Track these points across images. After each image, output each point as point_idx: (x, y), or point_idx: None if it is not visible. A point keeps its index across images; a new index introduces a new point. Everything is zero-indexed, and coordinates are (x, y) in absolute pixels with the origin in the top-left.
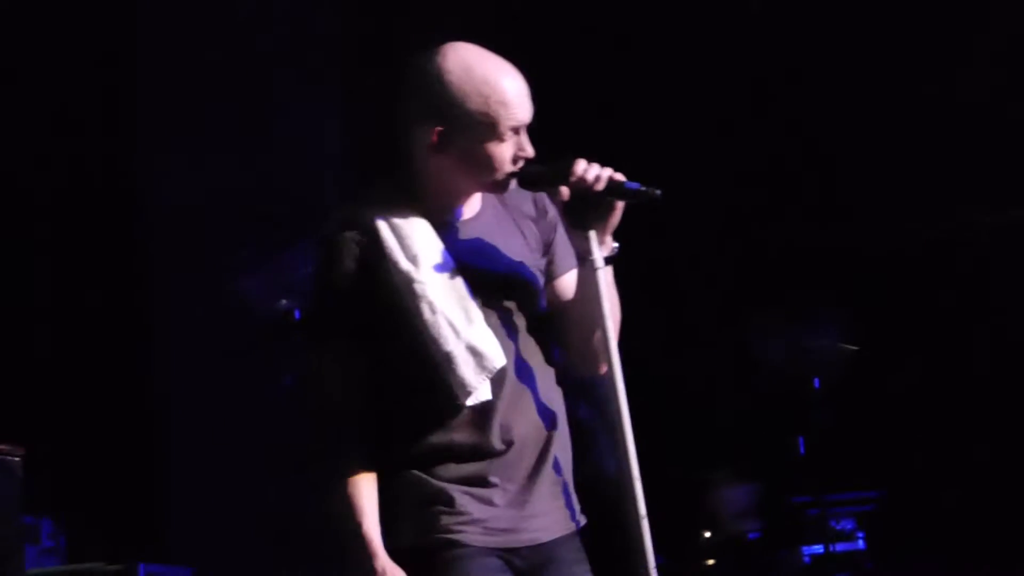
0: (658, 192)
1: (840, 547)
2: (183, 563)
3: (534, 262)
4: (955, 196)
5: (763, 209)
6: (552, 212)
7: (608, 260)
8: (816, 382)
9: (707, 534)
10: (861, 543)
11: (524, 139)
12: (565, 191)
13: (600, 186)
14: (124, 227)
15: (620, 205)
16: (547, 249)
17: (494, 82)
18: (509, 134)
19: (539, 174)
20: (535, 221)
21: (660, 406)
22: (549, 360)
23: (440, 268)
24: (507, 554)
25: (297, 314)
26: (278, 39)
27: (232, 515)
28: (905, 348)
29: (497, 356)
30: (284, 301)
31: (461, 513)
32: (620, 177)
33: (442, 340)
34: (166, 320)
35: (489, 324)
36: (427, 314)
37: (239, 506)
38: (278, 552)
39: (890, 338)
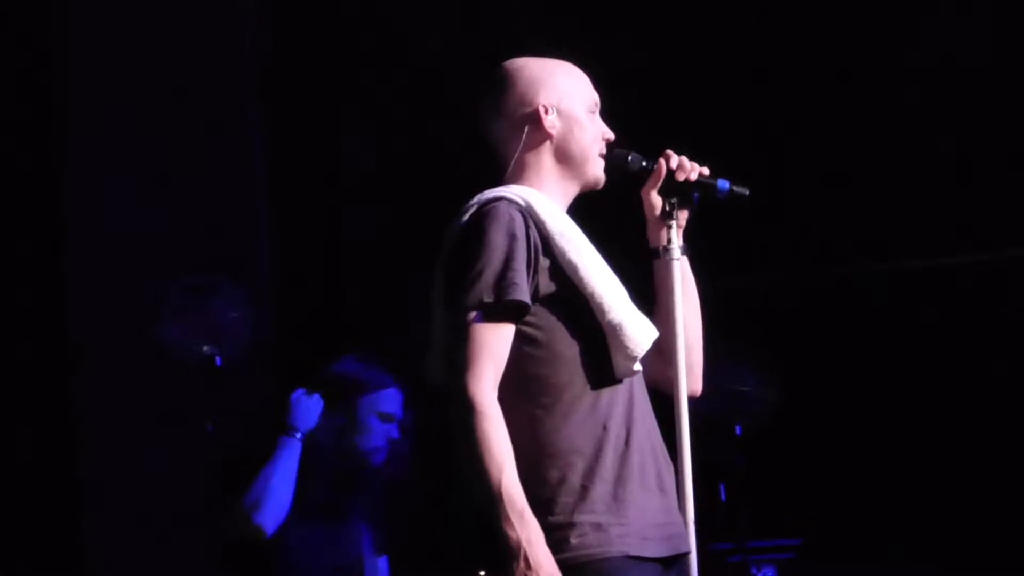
0: (747, 192)
1: None
2: None
3: None
4: (878, 238)
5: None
6: None
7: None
8: (738, 429)
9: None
10: None
11: (602, 123)
12: (663, 167)
13: (692, 177)
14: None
15: (695, 201)
16: None
17: (565, 64)
18: (593, 108)
19: (633, 158)
20: None
21: None
22: None
23: (587, 244)
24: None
25: (219, 361)
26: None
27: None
28: (829, 394)
29: (652, 327)
30: (206, 348)
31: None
32: (707, 172)
33: (611, 308)
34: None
35: None
36: (595, 283)
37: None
38: None
39: (814, 384)
